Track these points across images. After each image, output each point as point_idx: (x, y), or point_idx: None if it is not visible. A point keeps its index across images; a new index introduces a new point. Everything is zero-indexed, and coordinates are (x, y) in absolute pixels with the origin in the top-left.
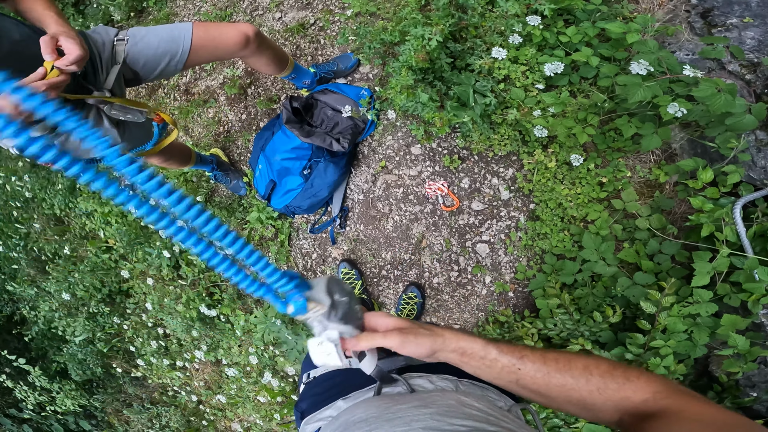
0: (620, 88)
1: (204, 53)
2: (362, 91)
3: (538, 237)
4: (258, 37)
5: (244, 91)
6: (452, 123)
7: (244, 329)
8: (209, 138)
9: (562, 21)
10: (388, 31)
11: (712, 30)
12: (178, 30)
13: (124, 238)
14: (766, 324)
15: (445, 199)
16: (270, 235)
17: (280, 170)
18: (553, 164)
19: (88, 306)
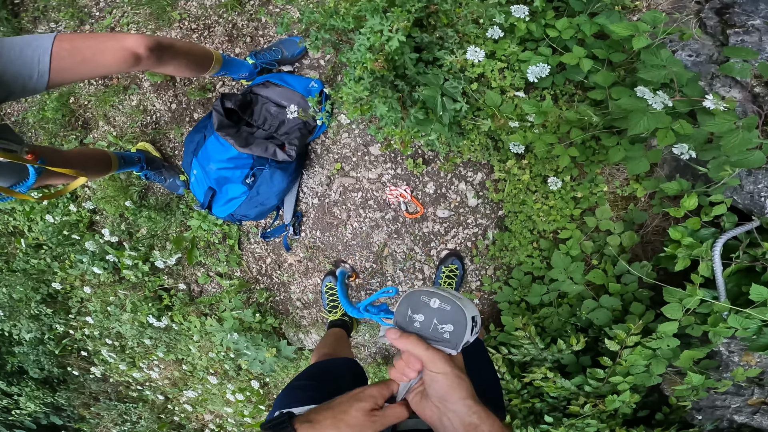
0: (616, 106)
1: (73, 74)
2: (312, 83)
3: (507, 249)
4: (155, 51)
5: (172, 78)
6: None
7: (200, 333)
8: (135, 129)
9: (552, 11)
10: (340, 14)
11: (727, 30)
12: (32, 48)
13: (53, 239)
14: (723, 352)
15: (408, 205)
16: (217, 240)
17: (218, 179)
18: (527, 177)
19: (29, 308)
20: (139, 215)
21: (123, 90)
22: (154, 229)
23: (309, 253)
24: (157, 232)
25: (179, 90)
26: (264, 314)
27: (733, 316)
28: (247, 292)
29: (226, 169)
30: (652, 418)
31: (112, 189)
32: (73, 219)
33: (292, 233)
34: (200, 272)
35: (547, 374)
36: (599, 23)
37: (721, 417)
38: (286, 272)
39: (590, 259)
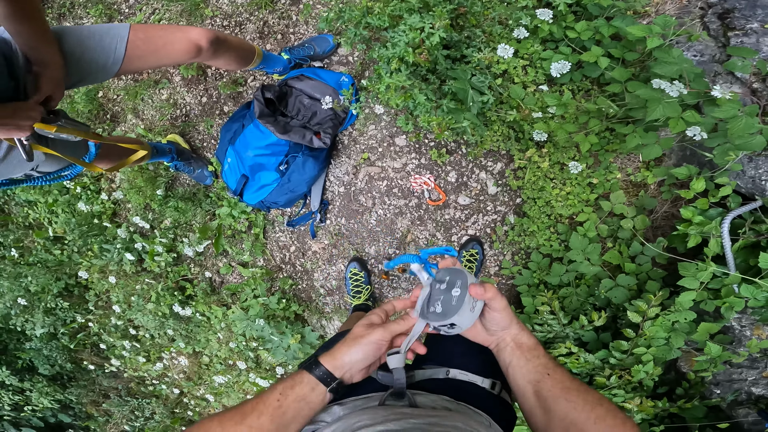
0: (631, 96)
1: (142, 63)
2: (343, 77)
3: (525, 234)
4: (214, 45)
5: (203, 71)
6: (450, 126)
7: (221, 323)
8: (165, 121)
9: (572, 15)
10: (375, 13)
11: (728, 33)
12: (110, 36)
13: (75, 230)
14: (735, 327)
15: (431, 193)
16: (243, 228)
17: (252, 166)
18: (546, 164)
19: (45, 301)
20: (166, 206)
21: (154, 84)
22: (180, 219)
23: (334, 240)
24: (182, 222)
25: (210, 84)
26: (288, 301)
27: (744, 286)
28: (270, 281)
29: (263, 155)
30: (673, 394)
31: (141, 179)
32: (97, 210)
33: (318, 220)
34: (222, 263)
35: (572, 348)
36: (616, 26)
37: (738, 390)
38: (309, 260)
39: (605, 242)
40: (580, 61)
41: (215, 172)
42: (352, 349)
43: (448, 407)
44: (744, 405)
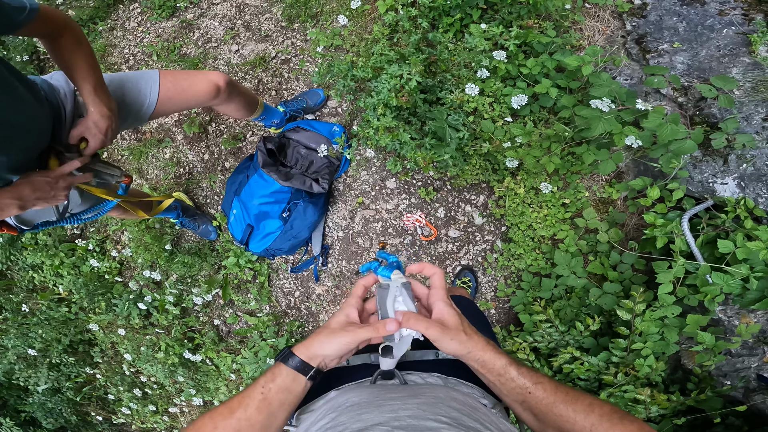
0: (579, 119)
1: (171, 105)
2: (334, 127)
3: (513, 257)
4: (229, 86)
5: (204, 129)
6: (434, 160)
7: (231, 369)
8: (169, 180)
9: (522, 54)
10: (359, 66)
11: (646, 56)
12: (145, 81)
13: (82, 290)
14: (723, 319)
15: (424, 229)
16: (249, 278)
17: (258, 214)
18: (522, 190)
19: (50, 357)
20: (173, 262)
21: (157, 143)
22: (187, 273)
23: (336, 281)
24: (189, 276)
25: (211, 141)
26: (296, 342)
27: (714, 274)
28: (277, 325)
29: (267, 203)
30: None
31: (148, 237)
32: (103, 270)
33: (321, 264)
34: (228, 313)
35: (574, 353)
36: (557, 59)
37: (746, 377)
38: (314, 302)
39: (587, 256)
40: (535, 93)
41: (219, 227)
42: (326, 344)
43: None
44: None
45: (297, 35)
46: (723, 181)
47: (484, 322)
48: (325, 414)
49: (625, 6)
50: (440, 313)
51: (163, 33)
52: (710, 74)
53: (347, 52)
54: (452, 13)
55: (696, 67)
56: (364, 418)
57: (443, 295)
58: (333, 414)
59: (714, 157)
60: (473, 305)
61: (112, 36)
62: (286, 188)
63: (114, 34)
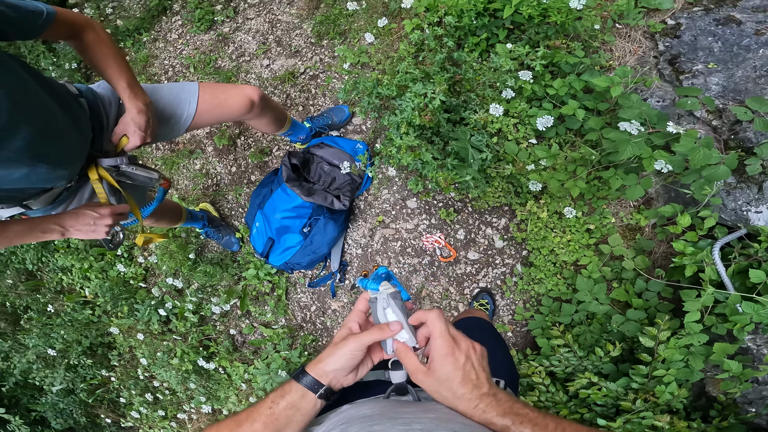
0: (607, 142)
1: (208, 117)
2: (358, 144)
3: (533, 282)
4: (262, 101)
5: (233, 142)
6: (455, 181)
7: (243, 379)
8: (197, 191)
9: (549, 74)
10: (384, 84)
11: (680, 76)
12: (185, 92)
13: (107, 293)
14: (752, 348)
15: (443, 250)
16: (267, 290)
17: (279, 228)
18: (545, 215)
19: (69, 358)
20: (195, 270)
21: (189, 154)
22: (208, 283)
23: (352, 298)
24: (209, 286)
25: (239, 154)
26: (309, 356)
27: (745, 304)
28: (291, 338)
29: (289, 218)
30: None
31: (174, 246)
32: (129, 275)
33: (338, 280)
34: (245, 323)
35: (592, 378)
36: (585, 80)
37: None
38: (329, 317)
39: (611, 283)
40: (561, 114)
41: (242, 239)
42: (332, 358)
43: None
44: None
45: (325, 52)
46: (757, 210)
47: (502, 345)
48: (335, 425)
49: (657, 26)
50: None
51: (201, 46)
52: (746, 96)
53: (373, 70)
54: (478, 33)
55: (731, 88)
56: (376, 430)
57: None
58: (343, 425)
59: (748, 183)
60: (491, 327)
61: (154, 47)
62: (308, 204)
63: (156, 45)
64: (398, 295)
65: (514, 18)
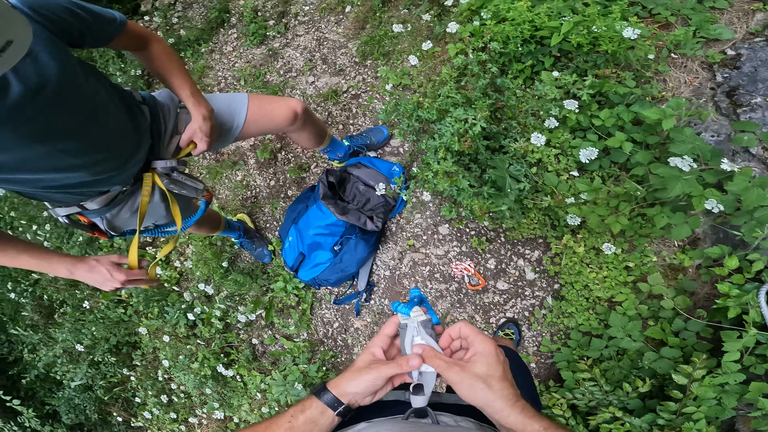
0: (655, 177)
1: (255, 128)
2: (394, 167)
3: (563, 315)
4: (305, 114)
5: (275, 156)
6: (490, 210)
7: (258, 389)
8: (236, 202)
9: (596, 104)
10: (424, 107)
11: (737, 110)
12: (236, 102)
13: (141, 294)
14: None
15: (471, 278)
16: (292, 304)
17: (311, 244)
18: (582, 250)
19: (94, 354)
20: (226, 278)
21: (232, 165)
22: (237, 291)
23: (376, 318)
24: (238, 294)
25: (279, 168)
26: (327, 371)
27: None
28: (311, 353)
29: (321, 235)
30: None
31: (209, 253)
32: (163, 278)
33: (364, 299)
34: (267, 334)
35: (616, 413)
36: (635, 111)
37: None
38: (351, 335)
39: (646, 321)
40: (606, 147)
41: (274, 252)
42: (353, 381)
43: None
44: None
45: (368, 72)
46: None
47: (526, 372)
48: None
49: (716, 56)
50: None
51: (252, 59)
52: None
53: (414, 92)
54: (523, 60)
55: None
56: None
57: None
58: None
59: None
60: (516, 355)
61: (210, 58)
62: (341, 222)
63: (213, 56)
64: (429, 323)
65: (562, 45)
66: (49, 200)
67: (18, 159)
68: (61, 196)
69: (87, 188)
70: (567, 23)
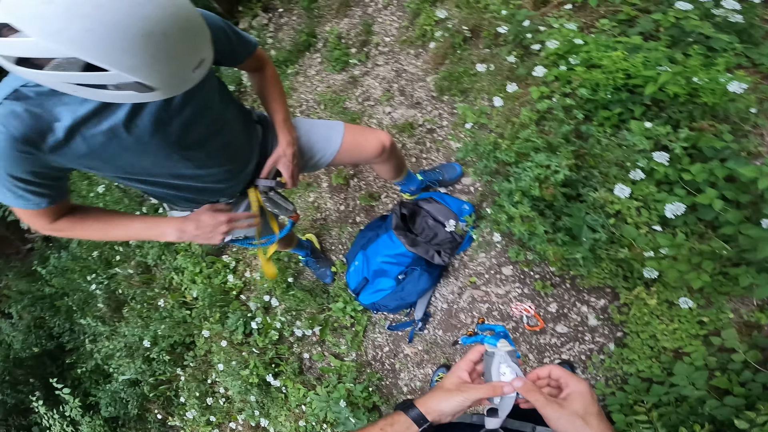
0: (744, 238)
1: (346, 156)
2: (464, 205)
3: (623, 361)
4: (392, 148)
5: (347, 181)
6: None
7: (299, 402)
8: (306, 222)
9: (687, 157)
10: (502, 148)
11: None
12: (333, 130)
13: (206, 298)
14: None
15: (530, 319)
16: (347, 324)
17: (376, 270)
18: (654, 302)
19: (151, 351)
20: (287, 293)
21: (306, 186)
22: (296, 307)
23: (428, 347)
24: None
25: (350, 194)
26: (371, 392)
27: None
28: (358, 373)
29: (388, 263)
30: None
31: (276, 266)
32: (229, 286)
33: (418, 328)
34: (317, 350)
35: None
36: (729, 167)
37: None
38: (399, 361)
39: (713, 372)
40: (694, 203)
41: (335, 273)
42: (443, 402)
43: None
44: None
45: (445, 107)
46: None
47: None
48: None
49: None
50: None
51: (333, 85)
52: None
53: (490, 132)
54: (611, 107)
55: None
56: None
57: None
58: None
59: None
60: None
61: (295, 80)
62: (409, 253)
63: (297, 79)
64: (514, 354)
65: (655, 94)
66: (169, 203)
67: (156, 163)
68: (179, 200)
69: (201, 196)
70: (666, 73)
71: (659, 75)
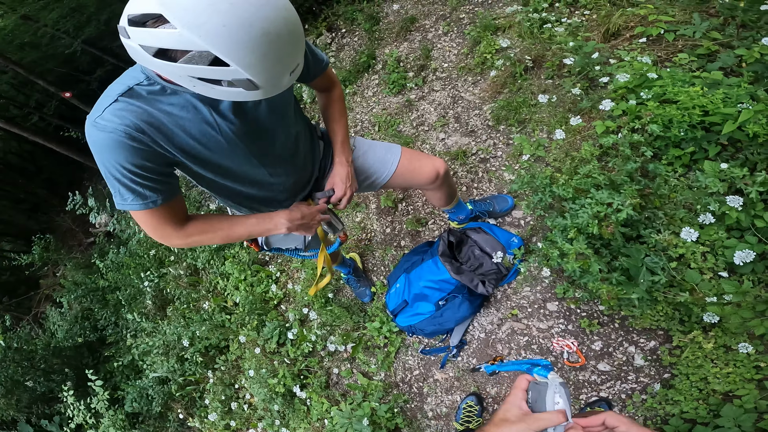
0: None
1: (400, 180)
2: (513, 238)
3: (667, 402)
4: (446, 175)
5: (395, 205)
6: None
7: (321, 415)
8: (351, 241)
9: (762, 203)
10: (559, 183)
11: None
12: (390, 153)
13: (247, 305)
14: None
15: (571, 355)
16: (380, 344)
17: (417, 294)
18: (711, 346)
19: (186, 351)
20: (325, 308)
21: (354, 206)
22: (332, 322)
23: (460, 374)
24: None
25: (397, 218)
26: (395, 413)
27: None
28: (384, 393)
29: (430, 288)
30: None
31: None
32: (270, 295)
33: (452, 355)
34: (346, 366)
35: None
36: None
37: None
38: (428, 386)
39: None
40: (765, 251)
41: (374, 294)
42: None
43: None
44: None
45: (500, 137)
46: None
47: None
48: None
49: None
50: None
51: (389, 107)
52: None
53: (547, 165)
54: (683, 146)
55: None
56: None
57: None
58: None
59: None
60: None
61: (352, 100)
62: (453, 280)
63: (354, 99)
64: (566, 386)
65: (733, 134)
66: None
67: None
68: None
69: (264, 206)
70: (747, 111)
71: (739, 113)
